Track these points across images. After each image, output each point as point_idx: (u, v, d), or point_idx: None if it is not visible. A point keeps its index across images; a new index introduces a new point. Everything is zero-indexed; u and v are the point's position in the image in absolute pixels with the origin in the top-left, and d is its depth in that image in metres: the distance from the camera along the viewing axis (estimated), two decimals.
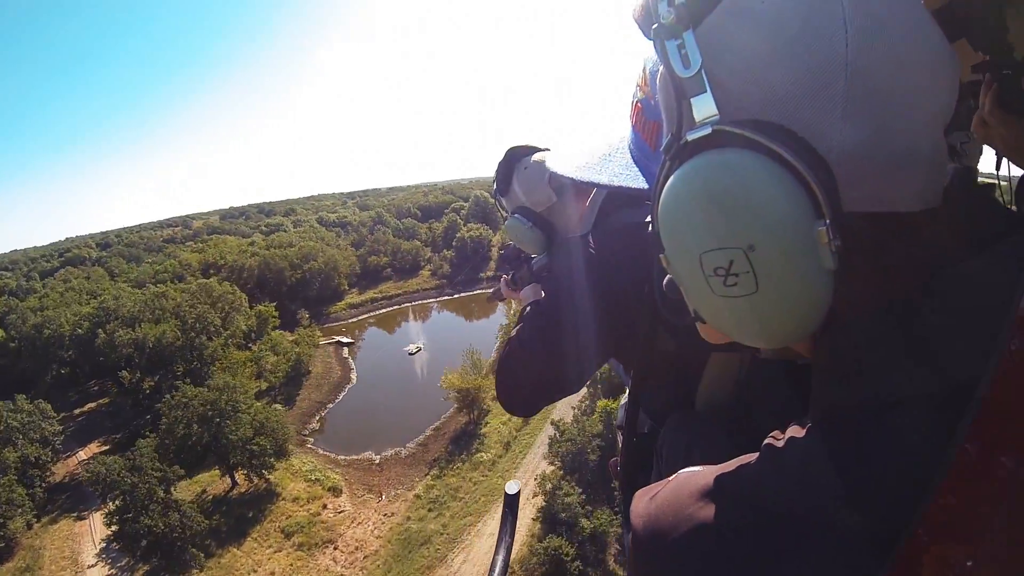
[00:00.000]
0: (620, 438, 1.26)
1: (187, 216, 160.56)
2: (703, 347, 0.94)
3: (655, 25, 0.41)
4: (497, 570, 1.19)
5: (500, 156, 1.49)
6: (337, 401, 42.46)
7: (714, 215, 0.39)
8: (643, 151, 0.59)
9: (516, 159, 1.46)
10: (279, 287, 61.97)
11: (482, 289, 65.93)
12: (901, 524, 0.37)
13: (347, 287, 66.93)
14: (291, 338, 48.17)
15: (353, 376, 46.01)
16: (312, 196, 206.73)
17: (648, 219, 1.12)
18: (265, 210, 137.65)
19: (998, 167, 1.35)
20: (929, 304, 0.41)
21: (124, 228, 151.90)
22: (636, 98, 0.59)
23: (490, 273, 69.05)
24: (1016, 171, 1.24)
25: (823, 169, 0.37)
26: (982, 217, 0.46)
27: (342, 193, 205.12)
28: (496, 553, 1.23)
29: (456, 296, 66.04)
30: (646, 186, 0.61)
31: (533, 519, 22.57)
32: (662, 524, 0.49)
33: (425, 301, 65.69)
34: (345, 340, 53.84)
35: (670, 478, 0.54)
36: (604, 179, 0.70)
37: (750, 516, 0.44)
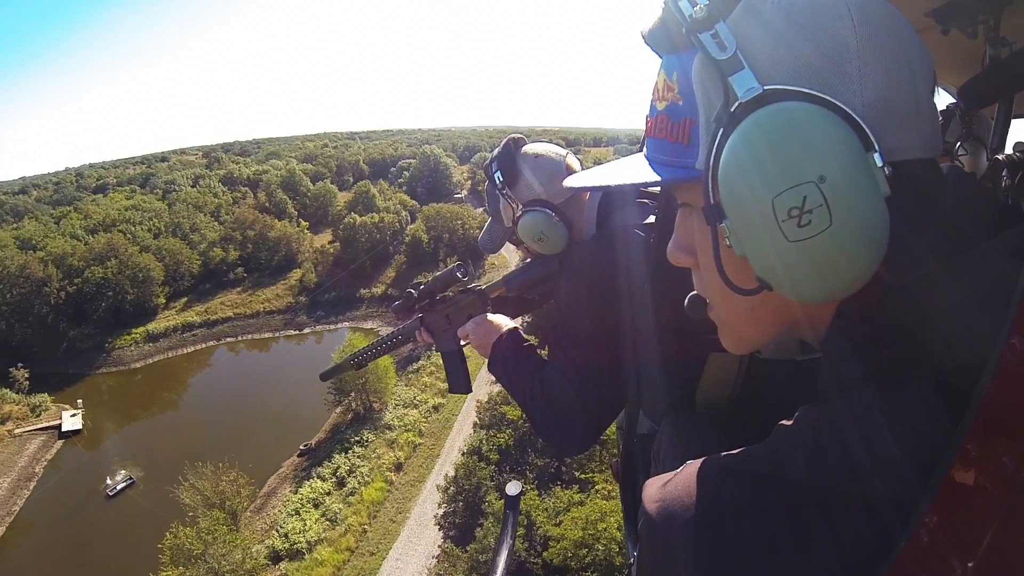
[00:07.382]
0: (620, 439, 1.29)
1: (170, 151, 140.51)
2: (702, 347, 1.01)
3: (687, 23, 0.46)
4: (499, 571, 1.21)
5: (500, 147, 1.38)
6: None
7: (784, 155, 0.42)
8: (667, 150, 0.60)
9: (518, 148, 1.40)
10: (40, 307, 39.91)
11: (353, 322, 40.42)
12: (908, 499, 0.38)
13: (164, 301, 43.75)
14: None
15: None
16: (314, 134, 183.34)
17: (649, 219, 1.19)
18: (202, 151, 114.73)
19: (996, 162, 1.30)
20: (934, 288, 0.43)
21: (86, 165, 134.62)
22: (657, 111, 0.62)
23: (378, 291, 43.20)
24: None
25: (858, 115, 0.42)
26: (982, 211, 0.49)
27: (343, 133, 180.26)
28: (497, 554, 1.25)
29: (305, 331, 40.97)
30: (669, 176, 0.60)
31: None
32: (678, 506, 0.48)
33: (255, 337, 41.16)
34: (71, 422, 30.98)
35: (680, 468, 0.53)
36: (644, 176, 0.63)
37: (765, 491, 0.45)
